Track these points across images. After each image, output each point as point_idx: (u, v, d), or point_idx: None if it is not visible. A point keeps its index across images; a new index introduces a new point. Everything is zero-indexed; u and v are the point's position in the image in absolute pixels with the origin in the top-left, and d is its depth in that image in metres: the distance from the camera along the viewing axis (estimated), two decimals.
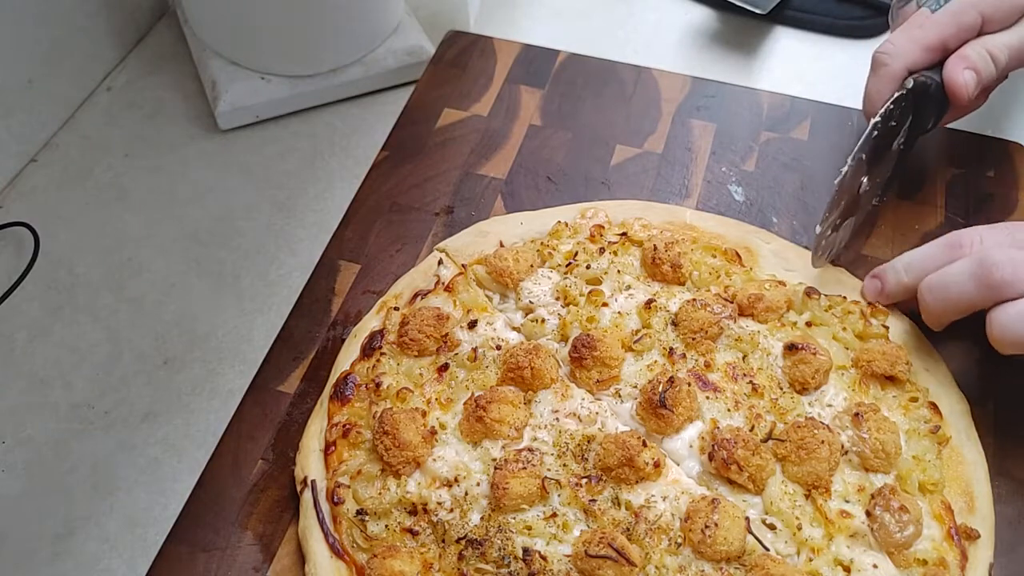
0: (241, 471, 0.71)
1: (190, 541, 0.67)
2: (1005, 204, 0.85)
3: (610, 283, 0.76)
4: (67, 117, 1.01)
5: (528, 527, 0.64)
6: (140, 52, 1.08)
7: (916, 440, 0.68)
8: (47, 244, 0.89)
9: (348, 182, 0.92)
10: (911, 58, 0.78)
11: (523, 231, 0.81)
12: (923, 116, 0.80)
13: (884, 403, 0.70)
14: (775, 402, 0.69)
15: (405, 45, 1.02)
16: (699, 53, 1.07)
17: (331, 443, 0.69)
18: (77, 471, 0.76)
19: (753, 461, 0.65)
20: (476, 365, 0.72)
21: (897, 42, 0.79)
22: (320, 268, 0.82)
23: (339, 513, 0.66)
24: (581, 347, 0.70)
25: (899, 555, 0.63)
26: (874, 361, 0.71)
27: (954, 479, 0.67)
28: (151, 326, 0.85)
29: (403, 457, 0.66)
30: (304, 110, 1.01)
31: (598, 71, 0.98)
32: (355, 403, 0.71)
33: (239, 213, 0.93)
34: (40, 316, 0.85)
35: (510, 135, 0.92)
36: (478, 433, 0.68)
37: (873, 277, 0.76)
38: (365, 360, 0.73)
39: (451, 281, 0.77)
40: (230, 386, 0.80)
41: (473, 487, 0.66)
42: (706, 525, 0.62)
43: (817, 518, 0.64)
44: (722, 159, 0.89)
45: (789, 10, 1.08)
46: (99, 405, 0.79)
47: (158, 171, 0.97)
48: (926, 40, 0.78)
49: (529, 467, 0.65)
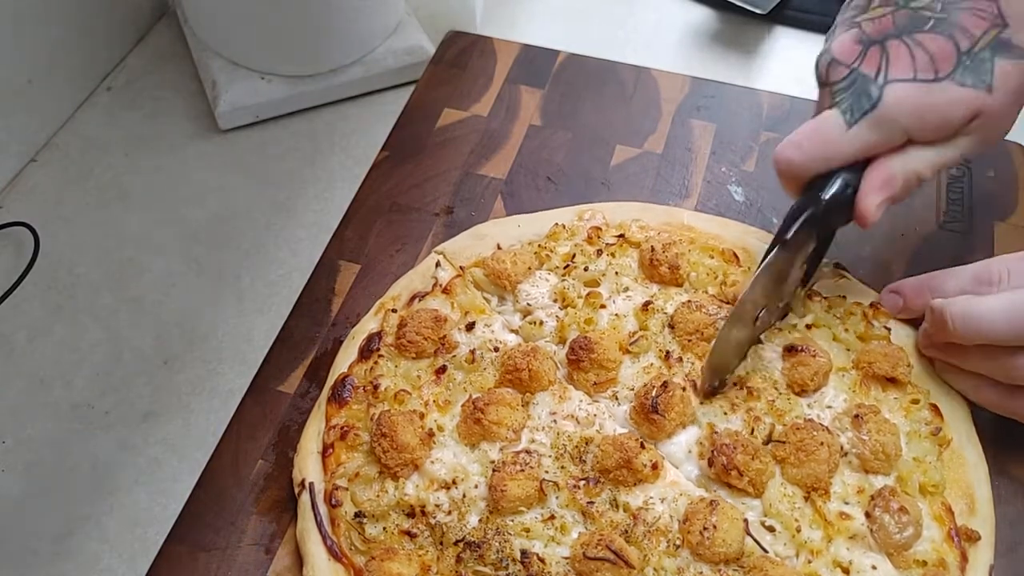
0: (241, 471, 0.71)
1: (190, 541, 0.67)
2: (1005, 204, 0.85)
3: (608, 285, 0.76)
4: (67, 117, 1.01)
5: (526, 529, 0.64)
6: (140, 52, 1.08)
7: (917, 442, 0.68)
8: (47, 244, 0.89)
9: (348, 182, 0.92)
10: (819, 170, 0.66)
11: (521, 233, 0.81)
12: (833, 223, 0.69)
13: (885, 405, 0.70)
14: (772, 404, 0.69)
15: (405, 45, 1.02)
16: (699, 53, 1.07)
17: (329, 445, 0.69)
18: (77, 471, 0.76)
19: (753, 466, 0.64)
20: (474, 367, 0.72)
21: (805, 148, 0.66)
22: (320, 268, 0.82)
23: (337, 515, 0.66)
24: (578, 349, 0.70)
25: (898, 556, 0.63)
26: (875, 363, 0.70)
27: (955, 481, 0.67)
28: (151, 326, 0.85)
29: (401, 459, 0.66)
30: (304, 110, 1.01)
31: (598, 71, 0.98)
32: (353, 405, 0.71)
33: (239, 213, 0.93)
34: (40, 316, 0.85)
35: (510, 135, 0.92)
36: (476, 435, 0.68)
37: (893, 292, 0.73)
38: (363, 362, 0.73)
39: (449, 283, 0.77)
40: (230, 386, 0.80)
41: (471, 489, 0.66)
42: (704, 527, 0.62)
43: (816, 520, 0.64)
44: (722, 159, 0.89)
45: (789, 10, 1.07)
46: (99, 405, 0.80)
47: (158, 171, 0.97)
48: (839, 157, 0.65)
49: (527, 469, 0.65)
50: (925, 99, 0.63)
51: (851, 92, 0.64)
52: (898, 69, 0.63)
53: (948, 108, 0.63)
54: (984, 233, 0.83)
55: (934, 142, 0.65)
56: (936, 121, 0.63)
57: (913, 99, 0.63)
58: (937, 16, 0.63)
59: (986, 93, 0.62)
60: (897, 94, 0.63)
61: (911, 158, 0.65)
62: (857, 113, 0.64)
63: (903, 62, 0.63)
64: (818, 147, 0.65)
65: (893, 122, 0.63)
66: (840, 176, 0.66)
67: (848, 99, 0.64)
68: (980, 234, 0.83)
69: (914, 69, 0.63)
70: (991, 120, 0.64)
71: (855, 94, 0.64)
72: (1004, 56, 0.63)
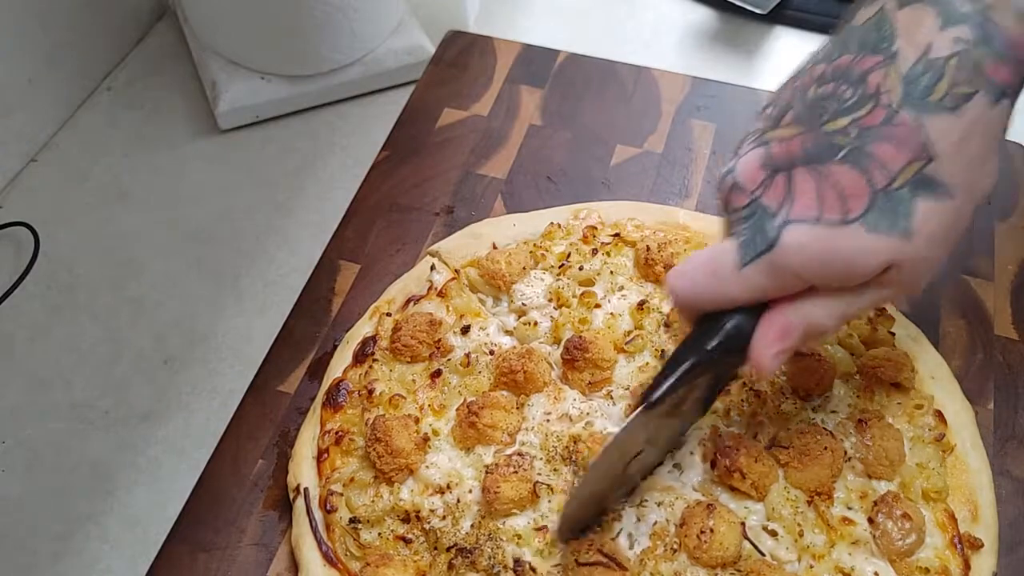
0: (241, 471, 0.71)
1: (190, 541, 0.67)
2: (1005, 204, 0.85)
3: (603, 284, 0.76)
4: (67, 117, 1.01)
5: (518, 535, 0.63)
6: (140, 52, 1.08)
7: (920, 448, 0.67)
8: (47, 244, 0.89)
9: (348, 182, 0.92)
10: (709, 309, 0.57)
11: (516, 232, 0.81)
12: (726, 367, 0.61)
13: (889, 410, 0.69)
14: (777, 408, 0.69)
15: (405, 45, 1.02)
16: (699, 53, 1.07)
17: (324, 450, 0.69)
18: (77, 471, 0.76)
19: (756, 468, 0.64)
20: (469, 371, 0.72)
21: (695, 282, 0.56)
22: (320, 268, 0.82)
23: (332, 521, 0.66)
24: (573, 349, 0.70)
25: (901, 563, 0.62)
26: (879, 368, 0.70)
27: (958, 487, 0.67)
28: (151, 326, 0.85)
29: (396, 464, 0.66)
30: (304, 110, 1.01)
31: (598, 71, 0.98)
32: (348, 410, 0.71)
33: (239, 213, 0.93)
34: (40, 316, 0.85)
35: (510, 135, 0.92)
36: (471, 439, 0.68)
37: None
38: (358, 366, 0.73)
39: (444, 286, 0.77)
40: (230, 386, 0.80)
41: (465, 494, 0.66)
42: (701, 531, 0.61)
43: (819, 524, 0.64)
44: (722, 159, 0.89)
45: (789, 10, 1.07)
46: (99, 405, 0.80)
47: (158, 171, 0.97)
48: (730, 298, 0.56)
49: (520, 471, 0.65)
50: (829, 245, 0.52)
51: (749, 226, 0.54)
52: (802, 206, 0.52)
53: (856, 257, 0.52)
54: (984, 233, 0.83)
55: (841, 291, 0.55)
56: (841, 271, 0.53)
57: (815, 245, 0.52)
58: (851, 144, 0.52)
59: (902, 240, 0.51)
60: (797, 238, 0.52)
61: (813, 308, 0.55)
62: (752, 253, 0.53)
63: (808, 198, 0.52)
64: (709, 284, 0.56)
65: (790, 269, 0.53)
66: (733, 319, 0.56)
67: (746, 233, 0.54)
68: (980, 234, 0.82)
69: (820, 208, 0.52)
70: (909, 270, 0.54)
71: (753, 229, 0.54)
72: (927, 195, 0.51)
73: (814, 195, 0.52)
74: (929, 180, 0.51)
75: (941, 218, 0.52)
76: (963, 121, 0.50)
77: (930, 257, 0.54)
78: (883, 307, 0.74)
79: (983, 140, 0.52)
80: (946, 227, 0.53)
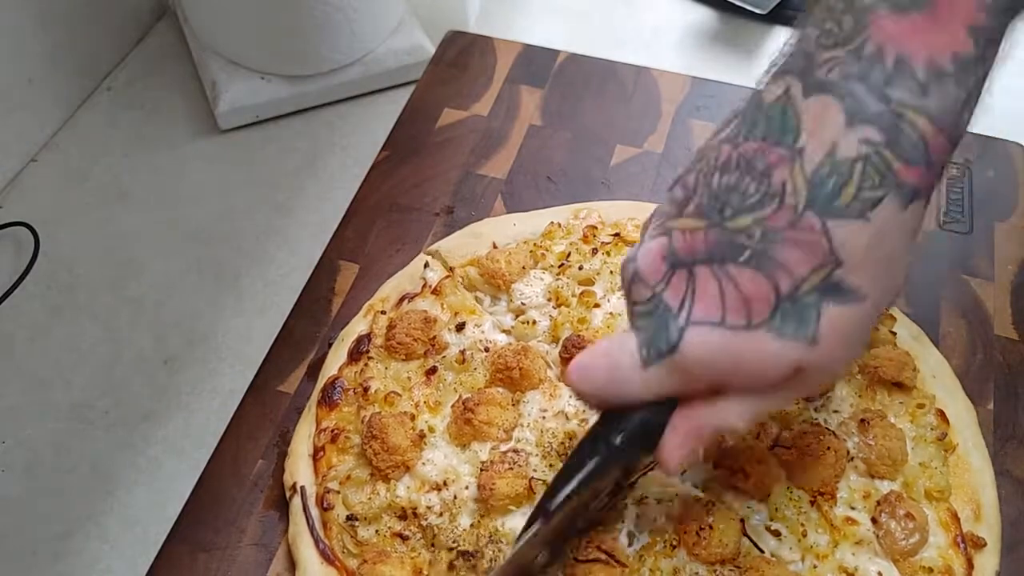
0: (241, 471, 0.71)
1: (190, 541, 0.67)
2: (1005, 204, 0.85)
3: (602, 284, 0.76)
4: (67, 117, 1.01)
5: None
6: (140, 52, 1.08)
7: (923, 447, 0.67)
8: (47, 244, 0.89)
9: (348, 182, 0.92)
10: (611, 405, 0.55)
11: (516, 232, 0.81)
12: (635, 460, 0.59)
13: (891, 409, 0.69)
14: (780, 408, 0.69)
15: (405, 45, 1.02)
16: (699, 53, 1.07)
17: (320, 448, 0.69)
18: (77, 471, 0.76)
19: (759, 468, 0.64)
20: (464, 367, 0.72)
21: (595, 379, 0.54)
22: (320, 268, 0.82)
23: (329, 519, 0.66)
24: (571, 348, 0.70)
25: (904, 563, 0.62)
26: (881, 367, 0.70)
27: (961, 487, 0.67)
28: (151, 326, 0.85)
29: (392, 461, 0.66)
30: (304, 110, 1.01)
31: (598, 71, 0.98)
32: (343, 408, 0.71)
33: (239, 213, 0.93)
34: (40, 316, 0.85)
35: (510, 135, 0.92)
36: (467, 436, 0.68)
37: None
38: (353, 364, 0.73)
39: (438, 284, 0.77)
40: (230, 386, 0.80)
41: (462, 490, 0.66)
42: (700, 527, 0.61)
43: (822, 524, 0.63)
44: None
45: (789, 10, 1.07)
46: (99, 405, 0.79)
47: (158, 171, 0.97)
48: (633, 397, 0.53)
49: (515, 468, 0.65)
50: (733, 350, 0.50)
51: (651, 323, 0.51)
52: (704, 307, 0.50)
53: (761, 363, 0.50)
54: (984, 233, 0.83)
55: (751, 392, 0.52)
56: (747, 376, 0.51)
57: (718, 349, 0.50)
58: (755, 247, 0.49)
59: (809, 346, 0.49)
60: (700, 341, 0.50)
61: (722, 410, 0.52)
62: (654, 353, 0.51)
63: (710, 299, 0.50)
64: (610, 381, 0.53)
65: (693, 373, 0.51)
66: (640, 414, 0.53)
67: (647, 330, 0.51)
68: (980, 234, 0.83)
69: (723, 310, 0.49)
70: (815, 374, 0.52)
71: (655, 327, 0.51)
72: (833, 301, 0.49)
73: (717, 296, 0.50)
74: (836, 286, 0.48)
75: (849, 322, 0.49)
76: (872, 226, 0.47)
77: (836, 360, 0.52)
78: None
79: (894, 243, 0.49)
80: (854, 330, 0.50)
